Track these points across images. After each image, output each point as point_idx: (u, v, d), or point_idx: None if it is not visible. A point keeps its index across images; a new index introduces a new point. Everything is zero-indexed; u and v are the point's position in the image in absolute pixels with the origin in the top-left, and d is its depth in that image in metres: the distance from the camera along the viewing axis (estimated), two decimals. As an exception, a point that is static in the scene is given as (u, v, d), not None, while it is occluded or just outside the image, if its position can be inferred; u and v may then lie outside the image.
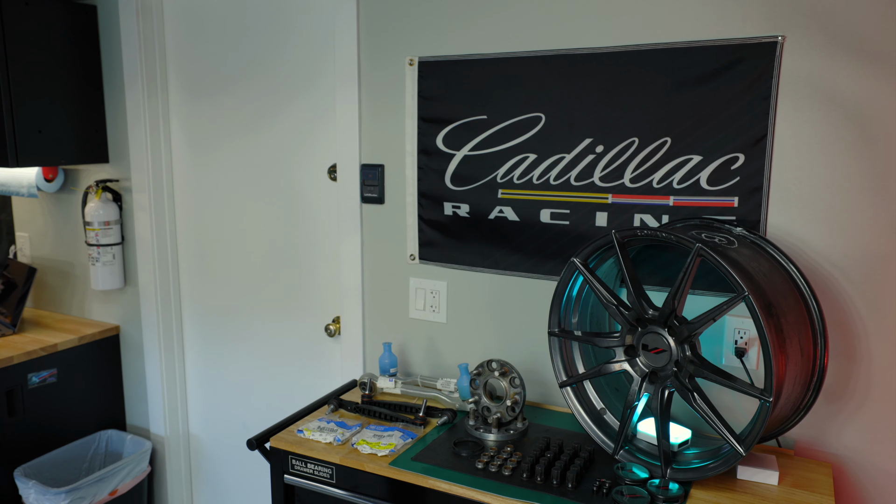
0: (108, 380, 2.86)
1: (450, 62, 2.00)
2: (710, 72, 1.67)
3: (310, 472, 1.74)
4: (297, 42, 2.32)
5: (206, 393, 2.80)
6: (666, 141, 1.74)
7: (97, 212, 2.68)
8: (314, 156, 2.36)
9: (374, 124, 2.17)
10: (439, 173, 2.07)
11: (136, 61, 2.57)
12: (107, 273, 2.73)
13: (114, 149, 2.73)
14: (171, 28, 2.59)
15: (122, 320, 2.86)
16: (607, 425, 1.72)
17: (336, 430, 1.80)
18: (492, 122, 1.96)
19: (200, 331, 2.77)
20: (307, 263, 2.45)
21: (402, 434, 1.77)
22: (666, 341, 1.53)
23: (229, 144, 2.54)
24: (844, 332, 1.65)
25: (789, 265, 1.57)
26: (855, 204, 1.60)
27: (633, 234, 1.54)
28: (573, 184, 1.88)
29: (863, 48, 1.54)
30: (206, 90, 2.56)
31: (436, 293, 2.16)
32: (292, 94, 2.37)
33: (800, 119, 1.62)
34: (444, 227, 2.10)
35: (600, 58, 1.80)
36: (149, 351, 2.78)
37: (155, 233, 2.68)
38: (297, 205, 2.43)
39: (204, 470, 2.88)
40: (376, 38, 2.12)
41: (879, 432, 1.65)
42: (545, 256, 1.96)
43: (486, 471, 1.60)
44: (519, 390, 1.79)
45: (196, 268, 2.73)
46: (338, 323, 2.40)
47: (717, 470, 1.47)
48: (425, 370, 2.22)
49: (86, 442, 2.74)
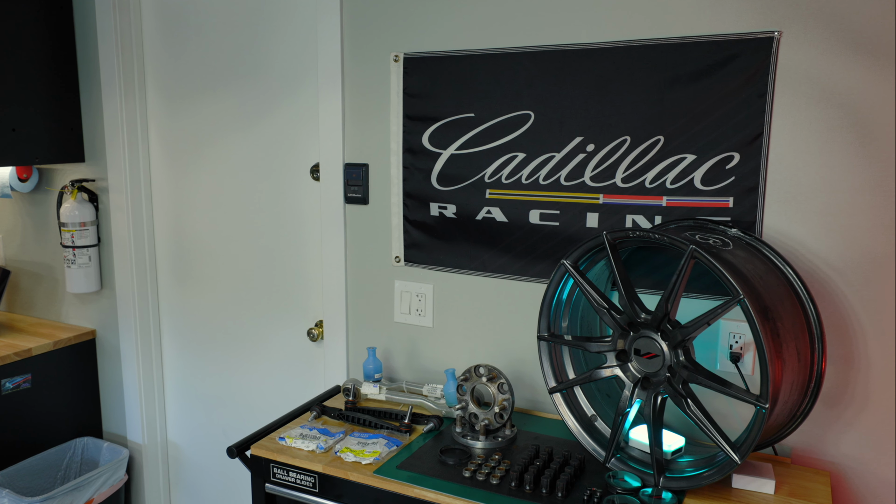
0: (84, 386, 2.84)
1: (436, 58, 2.00)
2: (704, 68, 1.67)
3: (292, 480, 1.74)
4: (279, 37, 2.32)
5: (184, 399, 2.80)
6: (659, 139, 1.74)
7: (73, 212, 2.67)
8: (296, 155, 2.36)
9: (358, 122, 2.17)
10: (425, 173, 2.07)
11: (112, 58, 2.56)
12: (83, 275, 2.72)
13: (90, 148, 2.72)
14: (149, 22, 2.58)
15: (99, 324, 2.85)
16: (598, 432, 1.72)
17: (319, 437, 1.80)
18: (479, 120, 1.96)
19: (179, 335, 2.76)
20: (289, 266, 2.45)
21: (387, 441, 1.78)
22: (659, 346, 1.53)
23: (209, 142, 2.54)
24: (843, 336, 1.65)
25: (786, 267, 1.57)
26: (854, 204, 1.60)
27: (625, 236, 1.54)
28: (563, 184, 1.88)
29: (862, 43, 1.54)
30: (185, 86, 2.55)
31: (422, 296, 2.15)
32: (274, 92, 2.36)
33: (797, 117, 1.62)
34: (430, 228, 2.09)
35: (591, 53, 1.80)
36: (126, 356, 2.77)
37: (133, 234, 2.67)
38: (279, 205, 2.43)
39: (182, 478, 2.88)
40: (360, 33, 2.12)
41: (879, 440, 1.66)
42: (534, 258, 1.95)
43: (474, 479, 1.60)
44: (507, 396, 1.80)
45: (175, 270, 2.72)
46: (321, 327, 2.40)
47: (712, 478, 1.47)
48: (411, 376, 2.23)
49: (61, 450, 2.72)
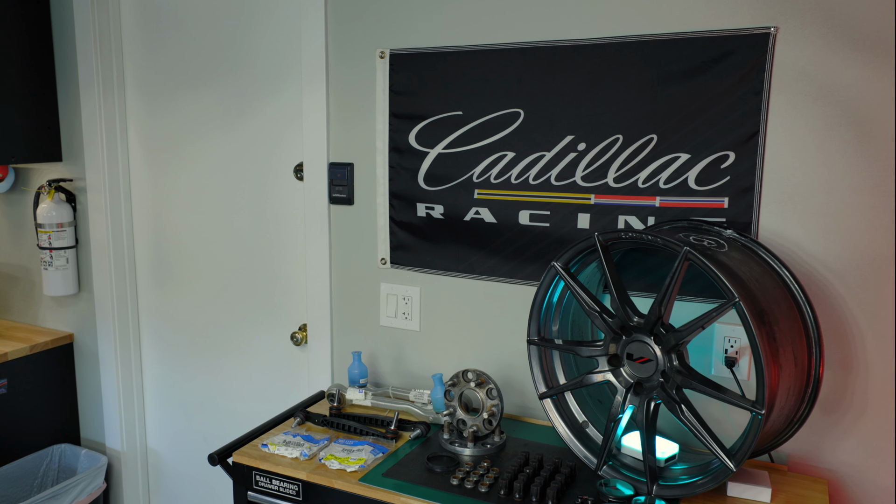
0: (61, 391, 2.83)
1: (423, 55, 1.99)
2: (698, 65, 1.67)
3: (275, 488, 1.73)
4: (262, 32, 2.32)
5: (165, 405, 2.80)
6: (652, 138, 1.74)
7: (50, 213, 2.66)
8: (280, 154, 2.36)
9: (343, 121, 2.16)
10: (412, 172, 2.06)
11: (91, 53, 2.55)
12: (60, 278, 2.71)
13: (67, 146, 2.72)
14: (129, 17, 2.58)
15: (77, 328, 2.84)
16: (590, 439, 1.71)
17: (303, 444, 1.79)
18: (467, 119, 1.96)
19: (159, 339, 2.75)
20: (272, 268, 2.45)
21: (373, 448, 1.77)
22: (652, 350, 1.53)
23: (190, 140, 2.53)
24: (841, 340, 1.65)
25: (782, 270, 1.57)
26: (852, 205, 1.60)
27: (618, 237, 1.54)
28: (554, 183, 1.87)
29: (861, 39, 1.54)
30: (165, 83, 2.54)
31: (408, 299, 2.14)
32: (257, 89, 2.36)
33: (794, 115, 1.62)
34: (417, 229, 2.08)
35: (582, 50, 1.79)
36: (104, 360, 2.76)
37: (111, 235, 2.66)
38: (262, 206, 2.43)
39: (162, 486, 2.87)
40: (345, 28, 2.11)
41: (877, 446, 1.66)
42: (524, 260, 1.95)
43: (462, 487, 1.60)
44: (496, 402, 1.79)
45: (155, 272, 2.72)
46: (304, 331, 2.39)
47: (706, 486, 1.47)
48: (397, 381, 2.22)
49: (38, 457, 2.71)
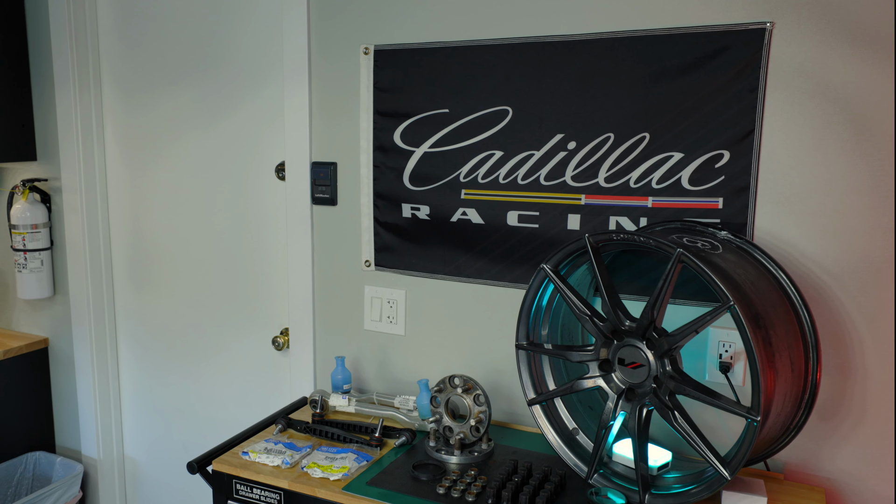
0: (36, 397, 2.81)
1: (408, 50, 1.98)
2: (692, 61, 1.66)
3: (256, 497, 1.73)
4: (243, 28, 2.30)
5: (142, 411, 2.78)
6: (644, 137, 1.74)
7: (24, 214, 2.64)
8: (261, 153, 2.34)
9: (326, 119, 2.15)
10: (397, 172, 2.05)
11: (66, 50, 2.53)
12: (34, 281, 2.69)
13: (42, 145, 2.70)
14: (105, 12, 2.56)
15: (52, 332, 2.82)
16: (580, 447, 1.71)
17: (284, 451, 1.78)
18: (454, 117, 1.95)
19: (137, 344, 2.74)
20: (253, 270, 2.43)
21: (357, 456, 1.76)
22: (644, 355, 1.52)
23: (168, 139, 2.52)
24: (838, 345, 1.65)
25: (778, 272, 1.56)
26: (850, 205, 1.60)
27: (609, 239, 1.53)
28: (543, 183, 1.87)
29: (859, 35, 1.53)
30: (143, 80, 2.53)
31: (393, 303, 2.13)
32: (237, 86, 2.34)
33: (790, 113, 1.61)
34: (402, 230, 2.07)
35: (572, 46, 1.78)
36: (80, 366, 2.74)
37: (87, 237, 2.65)
38: (242, 206, 2.41)
39: (140, 495, 2.85)
40: (328, 23, 2.10)
41: (876, 454, 1.65)
42: (512, 262, 1.94)
43: (448, 496, 1.58)
44: (483, 409, 1.78)
45: (132, 275, 2.70)
46: (286, 335, 2.38)
47: (700, 496, 1.45)
48: (381, 387, 2.21)
49: (11, 465, 2.69)
